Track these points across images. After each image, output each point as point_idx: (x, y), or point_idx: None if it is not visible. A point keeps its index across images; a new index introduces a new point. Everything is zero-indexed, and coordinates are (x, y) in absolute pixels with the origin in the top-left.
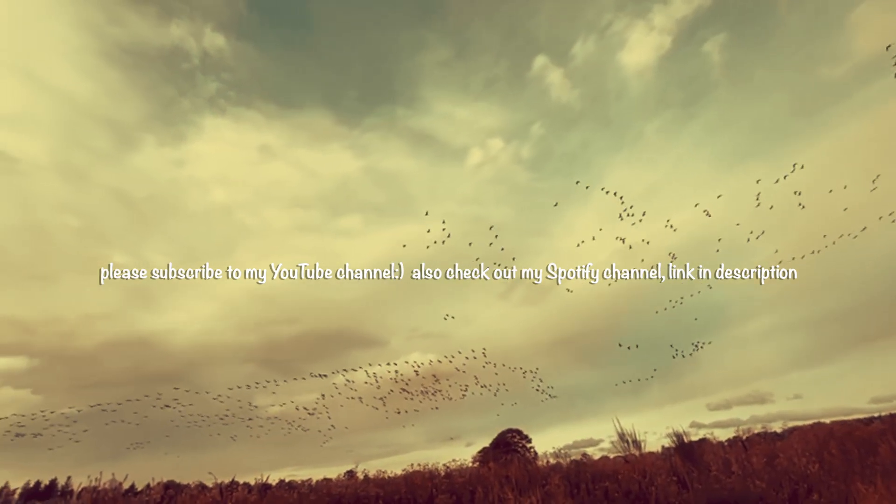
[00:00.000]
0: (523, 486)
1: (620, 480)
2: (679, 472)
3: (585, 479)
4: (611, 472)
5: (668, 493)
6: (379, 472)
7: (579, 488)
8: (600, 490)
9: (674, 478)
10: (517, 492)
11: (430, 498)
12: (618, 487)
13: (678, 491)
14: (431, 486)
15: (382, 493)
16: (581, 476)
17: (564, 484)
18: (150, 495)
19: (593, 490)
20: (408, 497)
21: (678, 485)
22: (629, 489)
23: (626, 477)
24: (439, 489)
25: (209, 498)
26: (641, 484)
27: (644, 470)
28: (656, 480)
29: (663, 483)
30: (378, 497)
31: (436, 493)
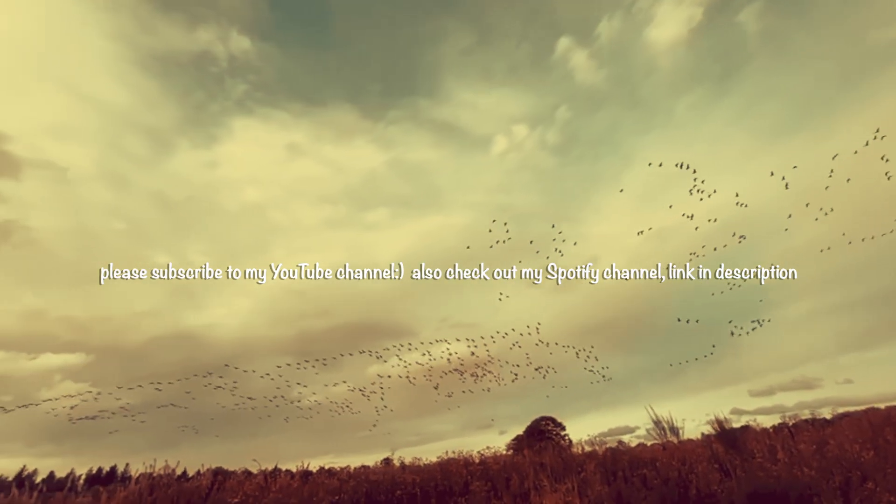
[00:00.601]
0: (558, 474)
1: (659, 468)
2: (721, 460)
3: (622, 467)
4: (648, 460)
5: (710, 481)
6: (415, 460)
7: (616, 476)
8: (638, 477)
9: (715, 465)
10: (552, 479)
11: (466, 485)
12: (656, 475)
13: (720, 479)
14: (466, 474)
15: (419, 479)
16: (618, 463)
17: (600, 471)
18: (201, 481)
19: (630, 477)
20: (443, 484)
21: (720, 472)
22: (668, 476)
23: (664, 464)
24: (474, 476)
25: (255, 483)
26: (681, 471)
27: (683, 457)
28: (696, 468)
29: (704, 470)
30: (414, 483)
31: (471, 479)
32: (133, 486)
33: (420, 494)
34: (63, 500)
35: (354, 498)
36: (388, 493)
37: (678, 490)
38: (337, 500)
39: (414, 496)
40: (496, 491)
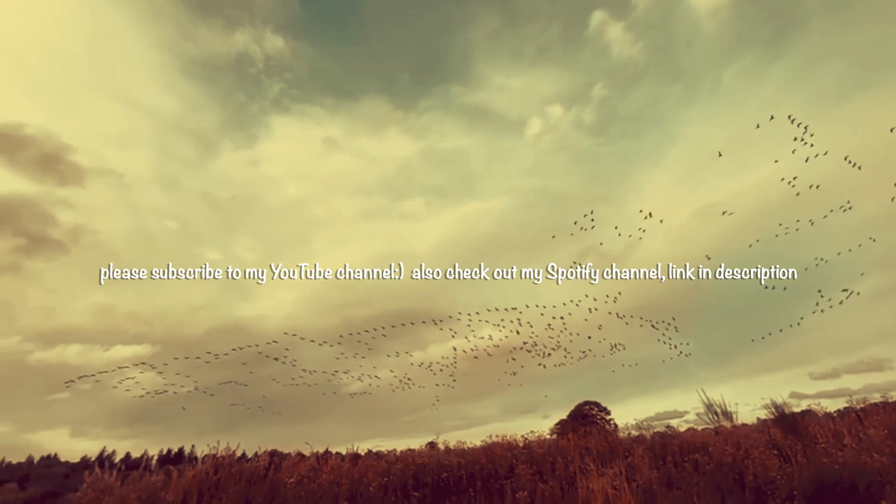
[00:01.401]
0: (605, 458)
1: (711, 453)
2: (779, 445)
3: (672, 451)
4: (699, 445)
5: (768, 467)
6: (459, 443)
7: (665, 460)
8: (689, 462)
9: (773, 451)
10: (598, 463)
11: (511, 468)
12: (709, 460)
13: (779, 464)
14: (511, 457)
15: (464, 462)
16: (667, 448)
17: (649, 455)
18: (259, 462)
19: (681, 462)
20: (488, 467)
21: (779, 458)
22: (722, 461)
23: (717, 449)
24: (519, 459)
25: (308, 465)
26: (735, 457)
27: (738, 442)
28: (752, 453)
29: (761, 456)
30: (460, 466)
31: (516, 463)
32: (200, 465)
33: (465, 477)
34: (139, 478)
35: (402, 479)
36: (434, 475)
37: (733, 476)
38: (385, 482)
39: (460, 478)
40: (542, 474)
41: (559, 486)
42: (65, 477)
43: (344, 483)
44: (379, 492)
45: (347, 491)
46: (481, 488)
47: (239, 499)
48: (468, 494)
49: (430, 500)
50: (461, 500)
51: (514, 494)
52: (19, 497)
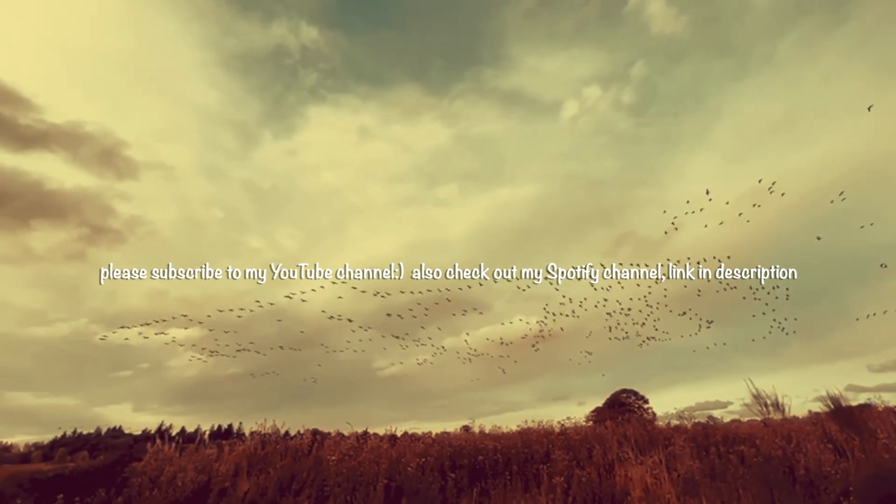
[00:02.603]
0: (643, 446)
1: (759, 445)
2: (834, 439)
3: (715, 442)
4: (746, 437)
5: (822, 462)
6: (494, 428)
7: (708, 451)
8: (735, 454)
9: (828, 444)
10: (637, 451)
11: (547, 453)
12: (756, 452)
13: (834, 459)
14: (547, 442)
15: (500, 446)
16: (710, 438)
17: (690, 445)
18: (303, 439)
19: (725, 454)
20: (524, 451)
21: (833, 452)
22: (771, 454)
23: (765, 441)
24: (555, 445)
25: (349, 444)
26: (786, 450)
27: (788, 435)
28: (804, 447)
29: (814, 450)
30: (496, 450)
31: (552, 448)
32: (248, 441)
33: (502, 461)
34: (195, 451)
35: (439, 461)
36: (470, 457)
37: (783, 469)
38: (423, 462)
39: (496, 462)
40: (578, 461)
41: (596, 472)
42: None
43: (383, 462)
44: (417, 472)
45: (387, 470)
46: (517, 472)
47: (285, 473)
48: (504, 477)
49: (467, 482)
50: (497, 483)
51: (551, 480)
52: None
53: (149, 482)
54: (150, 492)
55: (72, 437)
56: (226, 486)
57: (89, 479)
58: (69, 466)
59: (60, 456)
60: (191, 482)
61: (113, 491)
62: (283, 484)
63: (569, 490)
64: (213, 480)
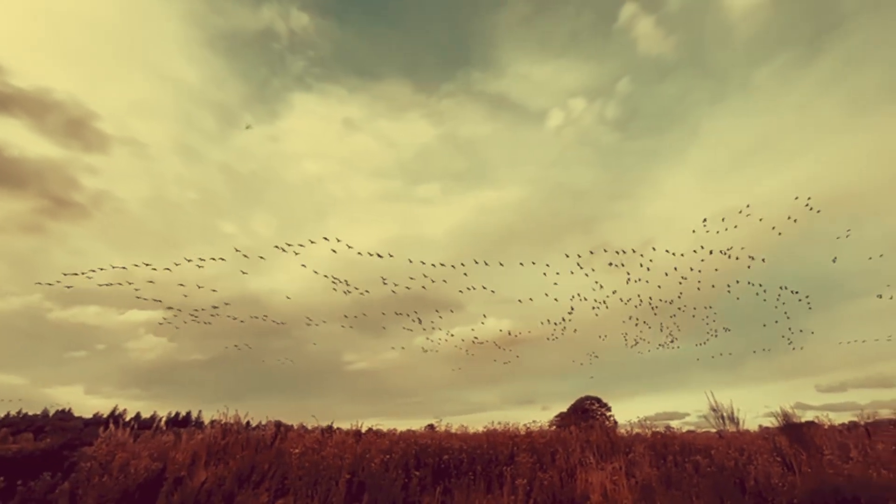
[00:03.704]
0: (605, 452)
1: (714, 456)
2: (784, 453)
3: (673, 451)
4: (702, 447)
5: (771, 474)
6: (461, 428)
7: (665, 459)
8: (690, 463)
9: (777, 458)
10: (599, 457)
11: (511, 455)
12: (710, 462)
13: (782, 472)
14: (512, 444)
15: (465, 446)
16: (668, 448)
17: (650, 453)
18: (266, 430)
19: (682, 463)
20: (489, 452)
21: (782, 466)
22: (724, 465)
23: (720, 452)
24: (520, 448)
25: (313, 437)
26: (738, 461)
27: (741, 447)
28: (756, 460)
29: (764, 463)
30: (461, 450)
31: (516, 451)
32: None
33: (466, 461)
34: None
35: (404, 458)
36: (435, 456)
37: (734, 480)
38: (388, 459)
39: (460, 462)
40: (541, 464)
41: (558, 476)
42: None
43: (347, 457)
44: (381, 468)
45: (350, 465)
46: (481, 473)
47: (245, 464)
48: (468, 477)
49: (431, 481)
50: (461, 483)
51: (514, 481)
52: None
53: (99, 468)
54: (100, 478)
55: (16, 418)
56: (182, 475)
57: (34, 462)
58: (12, 448)
59: (2, 437)
60: (144, 469)
61: (59, 475)
62: (243, 475)
63: (531, 492)
64: (168, 469)
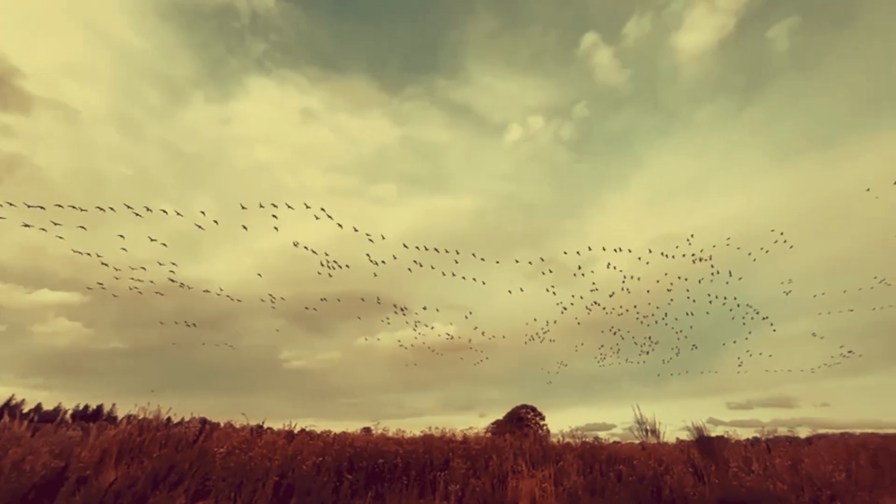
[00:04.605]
0: (537, 460)
1: (635, 466)
2: (696, 465)
3: (600, 461)
4: (625, 457)
5: (684, 484)
6: (398, 431)
7: (592, 468)
8: (614, 472)
9: (690, 469)
10: (530, 465)
11: (447, 461)
12: (632, 472)
13: (694, 482)
14: (448, 450)
15: (401, 450)
16: (595, 457)
17: (578, 462)
18: (189, 428)
19: (606, 472)
20: (425, 457)
21: (694, 476)
22: (644, 475)
23: (641, 463)
24: (455, 453)
25: (241, 437)
26: (656, 471)
27: (660, 458)
28: (672, 470)
29: (679, 473)
30: (397, 454)
31: (452, 457)
32: (123, 425)
33: (401, 465)
34: (53, 432)
35: (337, 461)
36: (370, 459)
37: (652, 489)
38: (320, 462)
39: (395, 466)
40: (475, 471)
41: (490, 483)
42: None
43: (277, 459)
44: (312, 471)
45: (280, 467)
46: (415, 478)
47: (162, 464)
48: (401, 482)
49: (363, 484)
50: (393, 488)
51: (447, 487)
52: None
53: None
54: None
55: None
56: (87, 474)
57: None
58: None
59: None
60: (42, 467)
61: None
62: (159, 476)
63: (462, 498)
64: (71, 467)
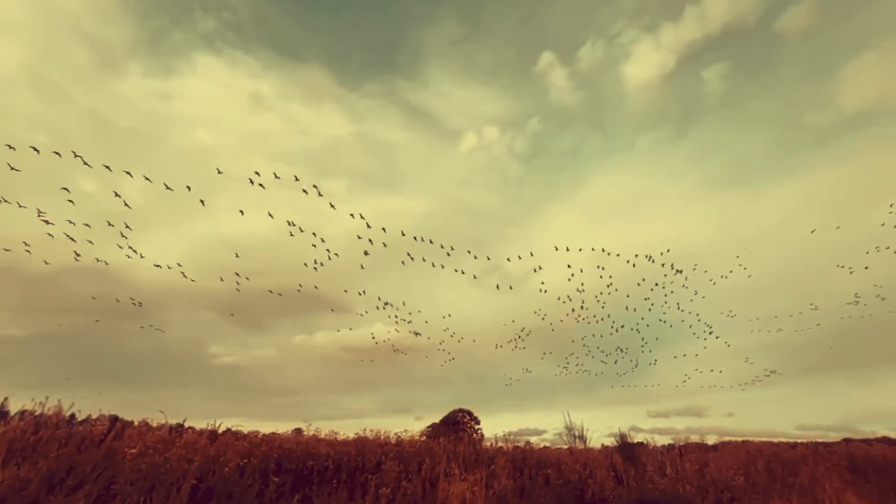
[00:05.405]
0: (469, 464)
1: (562, 470)
2: (617, 469)
3: (530, 464)
4: (554, 461)
5: (605, 487)
6: (330, 433)
7: (522, 472)
8: (542, 476)
9: (612, 473)
10: (463, 468)
11: (379, 464)
12: (559, 475)
13: (614, 485)
14: (381, 453)
15: (333, 452)
16: (526, 461)
17: (509, 466)
18: (95, 426)
19: (535, 475)
20: (357, 460)
21: (615, 480)
22: (569, 478)
23: (568, 467)
24: (388, 456)
25: (157, 436)
26: (581, 475)
27: (586, 463)
28: (596, 474)
29: (602, 477)
30: (328, 456)
31: (384, 459)
32: (16, 422)
33: (332, 468)
34: None
35: (264, 463)
36: (299, 461)
37: (576, 492)
38: (245, 464)
39: (325, 468)
40: (408, 473)
41: (422, 486)
42: None
43: (197, 460)
44: (235, 473)
45: (199, 469)
46: (346, 480)
47: (61, 465)
48: (331, 485)
49: (291, 487)
50: (322, 491)
51: (378, 489)
52: None
53: None
54: None
55: None
56: None
57: None
58: None
59: None
60: None
61: None
62: (56, 478)
63: (393, 501)
64: None
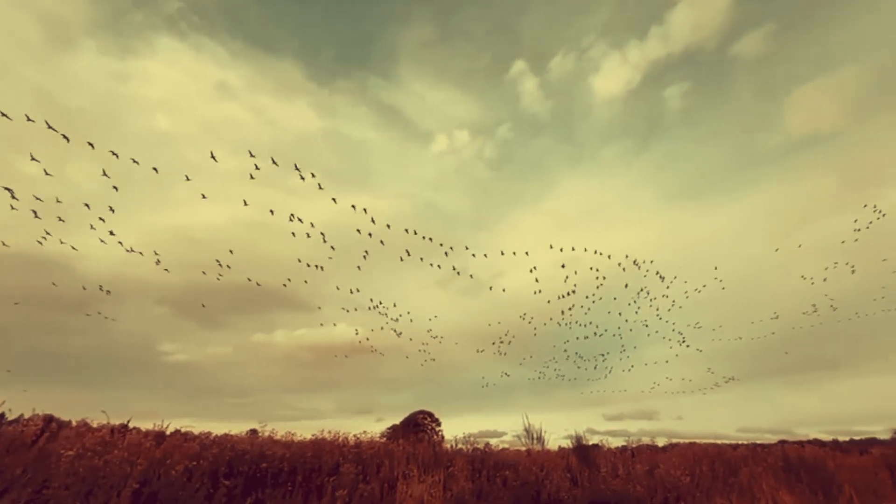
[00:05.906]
0: (428, 466)
1: (520, 471)
2: (573, 470)
3: (488, 466)
4: (512, 463)
5: (560, 488)
6: (287, 434)
7: (481, 474)
8: (500, 477)
9: (567, 474)
10: (422, 470)
11: (336, 466)
12: (516, 477)
13: (569, 486)
14: (339, 455)
15: (288, 454)
16: (484, 463)
17: (468, 468)
18: (27, 426)
19: (493, 477)
20: (313, 461)
21: (570, 481)
22: (526, 480)
23: (525, 468)
24: (346, 458)
25: (97, 437)
26: (538, 476)
27: (543, 464)
28: (552, 475)
29: (558, 478)
30: (283, 458)
31: (342, 461)
32: None
33: (287, 470)
34: None
35: (214, 465)
36: (252, 463)
37: (532, 493)
38: (193, 467)
39: (280, 471)
40: (366, 475)
41: (380, 488)
42: None
43: (141, 463)
44: (182, 477)
45: (143, 473)
46: (301, 483)
47: None
48: (285, 487)
49: (242, 491)
50: (276, 494)
51: (335, 492)
52: None
53: None
54: None
55: None
56: None
57: None
58: None
59: None
60: None
61: None
62: None
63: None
64: None
